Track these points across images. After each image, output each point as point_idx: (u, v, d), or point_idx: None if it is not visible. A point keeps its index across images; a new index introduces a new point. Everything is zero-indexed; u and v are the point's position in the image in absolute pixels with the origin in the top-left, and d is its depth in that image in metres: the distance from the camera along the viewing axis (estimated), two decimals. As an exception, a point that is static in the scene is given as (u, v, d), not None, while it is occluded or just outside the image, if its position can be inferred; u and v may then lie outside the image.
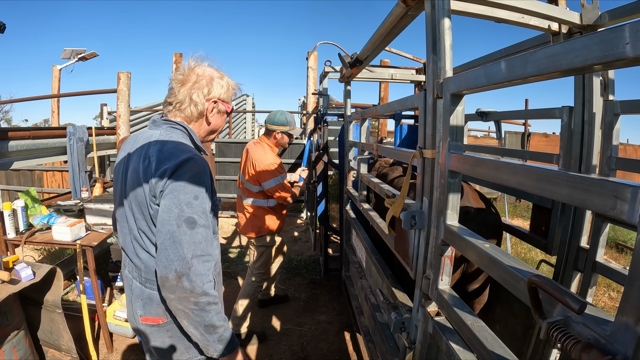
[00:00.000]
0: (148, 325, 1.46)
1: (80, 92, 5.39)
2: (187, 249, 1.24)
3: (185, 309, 1.27)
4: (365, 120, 2.76)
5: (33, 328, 2.74)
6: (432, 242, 1.42)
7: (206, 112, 1.50)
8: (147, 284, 1.44)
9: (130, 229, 1.43)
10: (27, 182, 7.89)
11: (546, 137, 9.33)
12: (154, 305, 1.43)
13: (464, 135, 1.30)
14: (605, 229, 1.89)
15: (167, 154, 1.33)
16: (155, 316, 1.44)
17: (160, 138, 1.40)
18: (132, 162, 1.41)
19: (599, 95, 1.86)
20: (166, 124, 1.46)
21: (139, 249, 1.42)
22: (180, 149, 1.35)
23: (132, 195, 1.38)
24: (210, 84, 1.48)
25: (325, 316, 3.74)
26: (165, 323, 1.44)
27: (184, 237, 1.25)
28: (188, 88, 1.45)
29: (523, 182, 0.92)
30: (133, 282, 1.48)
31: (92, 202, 3.25)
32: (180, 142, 1.40)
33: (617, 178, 0.73)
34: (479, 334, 1.12)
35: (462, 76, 1.17)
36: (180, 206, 1.26)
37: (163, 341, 1.47)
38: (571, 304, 0.71)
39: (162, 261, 1.24)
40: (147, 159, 1.34)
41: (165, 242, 1.24)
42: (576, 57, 0.77)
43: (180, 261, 1.23)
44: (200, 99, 1.47)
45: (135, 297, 1.48)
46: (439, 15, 1.33)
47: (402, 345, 1.82)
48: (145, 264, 1.41)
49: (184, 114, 1.48)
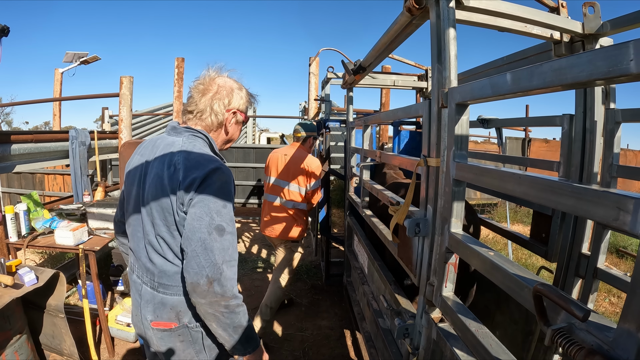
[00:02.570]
0: (159, 330, 1.47)
1: (82, 96, 5.40)
2: (218, 256, 1.29)
3: (216, 313, 1.31)
4: (368, 127, 2.78)
5: (35, 332, 2.74)
6: (436, 250, 1.44)
7: (225, 122, 1.54)
8: (159, 288, 1.45)
9: (146, 233, 1.44)
10: (28, 185, 7.88)
11: (547, 143, 9.35)
12: (166, 310, 1.44)
13: (468, 144, 1.32)
14: (606, 236, 1.90)
15: (194, 163, 1.36)
16: (167, 321, 1.45)
17: (184, 146, 1.42)
18: (154, 167, 1.43)
19: (601, 103, 1.88)
20: (188, 132, 1.48)
21: (153, 254, 1.44)
22: (206, 158, 1.38)
23: (154, 201, 1.40)
24: (231, 95, 1.52)
25: (327, 321, 3.74)
26: (177, 328, 1.46)
27: (215, 244, 1.29)
28: (209, 98, 1.49)
29: (528, 192, 0.94)
30: (143, 287, 1.49)
31: (94, 206, 3.25)
32: (204, 151, 1.44)
33: (620, 189, 0.75)
34: (484, 340, 1.13)
35: (467, 86, 1.19)
36: (211, 214, 1.30)
37: (174, 346, 1.48)
38: (576, 312, 0.73)
39: (193, 268, 1.27)
40: (172, 166, 1.37)
41: (197, 249, 1.27)
42: (582, 72, 0.79)
43: (211, 267, 1.27)
44: (221, 109, 1.51)
45: (145, 302, 1.49)
46: (444, 25, 1.35)
47: (405, 351, 1.83)
48: (160, 269, 1.43)
49: (204, 122, 1.52)
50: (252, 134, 14.82)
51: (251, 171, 7.64)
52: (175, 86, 5.63)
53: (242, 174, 7.75)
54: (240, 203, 7.88)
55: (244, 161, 7.73)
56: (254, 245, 6.23)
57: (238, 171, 7.73)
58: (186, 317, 1.45)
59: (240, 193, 7.85)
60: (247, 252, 5.89)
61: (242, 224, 7.55)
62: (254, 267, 5.15)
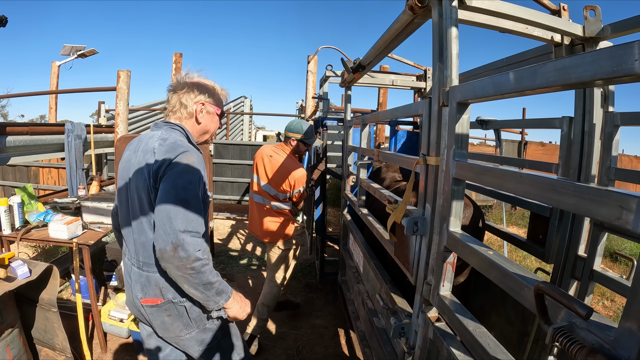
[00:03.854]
0: (148, 307, 1.63)
1: (79, 89, 5.36)
2: (182, 225, 1.42)
3: (184, 274, 1.44)
4: (366, 125, 2.77)
5: (27, 326, 2.71)
6: (434, 249, 1.44)
7: (195, 113, 1.72)
8: (144, 267, 1.61)
9: (133, 216, 1.62)
10: (22, 178, 7.83)
11: (543, 146, 9.41)
12: (151, 287, 1.61)
13: (468, 143, 1.31)
14: (603, 238, 1.91)
15: (167, 148, 1.54)
16: (154, 297, 1.61)
17: (161, 136, 1.61)
18: (137, 157, 1.61)
19: (600, 106, 1.88)
20: (166, 125, 1.68)
21: (137, 234, 1.60)
22: (179, 144, 1.56)
23: (137, 185, 1.58)
24: (197, 89, 1.72)
25: (321, 320, 3.74)
26: (163, 303, 1.61)
27: (179, 214, 1.43)
28: (178, 95, 1.70)
29: (529, 191, 0.94)
30: (132, 268, 1.66)
31: (89, 200, 3.22)
32: (179, 139, 1.62)
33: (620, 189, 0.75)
34: (481, 339, 1.13)
35: (469, 85, 1.18)
36: (177, 189, 1.46)
37: (163, 320, 1.64)
38: (579, 310, 0.73)
39: (160, 235, 1.41)
40: (150, 152, 1.56)
41: (163, 219, 1.42)
42: (585, 71, 0.79)
43: (175, 235, 1.40)
44: (189, 102, 1.70)
45: (134, 281, 1.65)
46: (447, 24, 1.35)
47: (400, 350, 1.83)
48: (144, 248, 1.59)
49: (176, 115, 1.72)
50: (249, 132, 14.79)
51: (247, 168, 7.63)
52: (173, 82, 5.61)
53: (238, 171, 7.75)
54: (236, 200, 7.87)
55: (240, 158, 7.73)
56: (248, 242, 6.20)
57: (234, 168, 7.72)
58: (170, 293, 1.60)
59: (235, 190, 7.83)
60: (241, 249, 5.86)
61: (236, 221, 7.52)
62: (249, 265, 5.13)
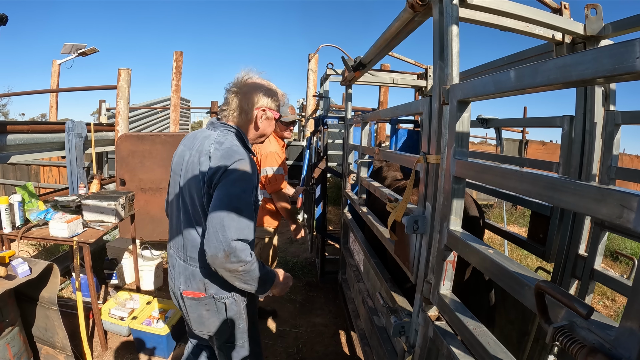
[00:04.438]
0: (189, 299, 1.71)
1: (80, 88, 5.36)
2: (234, 233, 1.47)
3: (236, 276, 1.53)
4: (366, 124, 2.77)
5: (28, 324, 2.71)
6: (434, 247, 1.43)
7: (255, 118, 1.75)
8: (190, 262, 1.69)
9: (184, 212, 1.70)
10: (23, 176, 7.83)
11: (543, 145, 9.39)
12: (195, 281, 1.69)
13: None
14: (604, 237, 1.91)
15: (223, 153, 1.57)
16: (197, 291, 1.70)
17: (217, 139, 1.64)
18: (192, 155, 1.67)
19: (601, 105, 1.87)
20: (223, 127, 1.72)
21: (186, 230, 1.69)
22: (234, 150, 1.59)
23: (189, 184, 1.65)
24: (259, 95, 1.73)
25: (321, 319, 3.74)
26: (204, 297, 1.70)
27: (232, 223, 1.48)
28: (239, 98, 1.72)
29: (530, 189, 0.93)
30: (177, 260, 1.75)
31: (89, 198, 3.22)
32: (235, 144, 1.64)
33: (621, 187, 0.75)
34: (482, 338, 1.13)
35: (469, 83, 1.18)
36: (230, 197, 1.51)
37: (200, 314, 1.73)
38: (579, 309, 0.73)
39: (212, 242, 1.47)
40: (205, 155, 1.60)
41: (217, 226, 1.47)
42: (587, 69, 0.78)
43: (227, 243, 1.45)
44: (250, 108, 1.73)
45: (177, 273, 1.75)
46: (447, 22, 1.34)
47: (400, 349, 1.83)
48: (192, 244, 1.67)
49: (236, 120, 1.75)
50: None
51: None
52: (174, 80, 5.61)
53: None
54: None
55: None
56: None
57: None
58: (213, 288, 1.68)
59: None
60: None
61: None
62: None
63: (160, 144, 4.40)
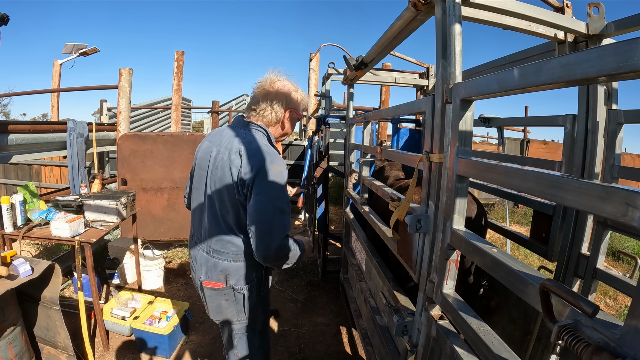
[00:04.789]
0: (209, 289, 1.80)
1: (81, 88, 5.35)
2: (281, 233, 1.60)
3: (283, 263, 1.68)
4: (368, 123, 2.77)
5: (29, 324, 2.70)
6: (437, 246, 1.43)
7: (283, 118, 1.83)
8: (213, 254, 1.76)
9: (209, 207, 1.76)
10: (25, 176, 7.83)
11: (545, 145, 9.36)
12: (216, 272, 1.76)
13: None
14: (606, 237, 1.90)
15: (254, 152, 1.64)
16: (216, 281, 1.77)
17: (247, 137, 1.70)
18: (220, 152, 1.72)
19: (603, 104, 1.87)
20: (251, 125, 1.78)
21: (212, 224, 1.76)
22: (264, 150, 1.65)
23: (218, 180, 1.70)
24: (289, 96, 1.82)
25: (323, 318, 3.73)
26: (224, 288, 1.77)
27: (279, 224, 1.60)
28: (270, 99, 1.78)
29: (534, 188, 0.93)
30: (199, 252, 1.83)
31: (91, 198, 3.22)
32: (264, 143, 1.70)
33: (626, 185, 0.74)
34: (485, 337, 1.12)
35: (472, 82, 1.18)
36: (274, 200, 1.59)
37: (219, 304, 1.81)
38: (585, 308, 0.73)
39: (263, 244, 1.57)
40: (235, 153, 1.66)
41: (265, 230, 1.57)
42: (591, 67, 0.78)
43: (277, 243, 1.58)
44: (280, 108, 1.80)
45: (199, 265, 1.82)
46: (450, 20, 1.34)
47: (403, 348, 1.83)
48: (216, 237, 1.75)
49: (265, 119, 1.81)
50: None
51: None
52: (175, 79, 5.60)
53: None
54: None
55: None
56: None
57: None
58: (233, 279, 1.76)
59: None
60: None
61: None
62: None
63: (161, 144, 4.39)
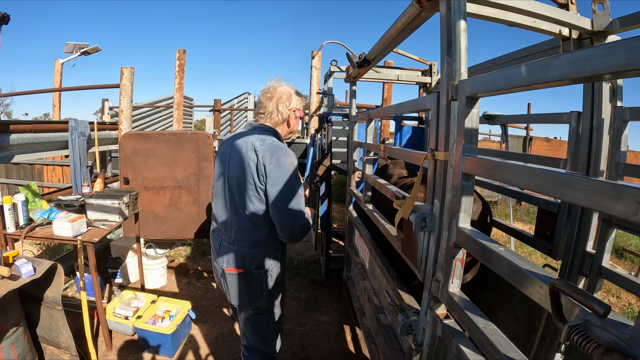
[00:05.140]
0: (230, 274, 1.98)
1: (82, 87, 5.33)
2: (302, 214, 1.88)
3: (304, 237, 1.94)
4: (372, 121, 2.75)
5: (32, 324, 2.70)
6: (442, 245, 1.42)
7: (288, 118, 2.08)
8: (235, 242, 1.97)
9: (230, 200, 1.97)
10: (27, 176, 7.83)
11: (548, 142, 9.35)
12: (237, 259, 1.95)
13: (477, 138, 1.29)
14: (611, 235, 1.89)
15: (268, 147, 1.86)
16: (237, 267, 1.96)
17: (259, 137, 1.91)
18: (236, 151, 1.93)
19: (608, 101, 1.86)
20: (261, 127, 2.02)
21: (233, 216, 1.96)
22: (277, 145, 1.89)
23: (238, 175, 1.90)
24: (291, 98, 2.06)
25: (326, 316, 3.73)
26: (244, 272, 1.97)
27: (297, 206, 1.86)
28: (274, 102, 2.03)
29: (542, 186, 0.92)
30: (221, 242, 2.04)
31: (93, 197, 3.21)
32: (275, 140, 1.93)
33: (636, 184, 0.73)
34: (492, 337, 1.11)
35: (479, 79, 1.16)
36: (292, 187, 1.85)
37: (239, 287, 1.99)
38: (597, 308, 0.72)
39: (288, 227, 1.87)
40: (251, 150, 1.87)
41: (289, 216, 1.85)
42: (600, 64, 0.77)
43: (299, 224, 1.87)
44: (284, 109, 2.05)
45: (221, 254, 2.02)
46: (455, 17, 1.32)
47: (407, 347, 1.82)
48: (237, 227, 1.95)
49: (272, 120, 2.06)
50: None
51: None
52: (176, 78, 5.58)
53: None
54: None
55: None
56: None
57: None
58: (253, 264, 1.95)
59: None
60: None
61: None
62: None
63: (163, 143, 4.39)
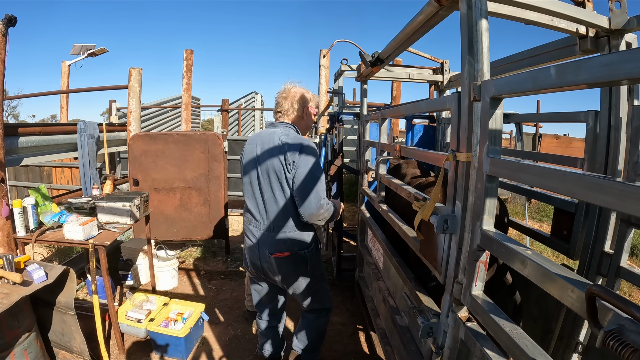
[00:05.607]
0: (278, 258, 2.21)
1: (90, 88, 5.35)
2: (322, 194, 2.12)
3: (325, 218, 2.18)
4: (385, 120, 2.74)
5: (44, 329, 2.69)
6: (465, 247, 1.41)
7: (304, 114, 2.34)
8: (275, 229, 2.20)
9: (263, 191, 2.21)
10: (35, 178, 7.87)
11: (557, 139, 9.29)
12: (281, 244, 2.20)
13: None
14: (630, 234, 1.86)
15: (293, 140, 2.14)
16: (284, 251, 2.20)
17: (283, 132, 2.20)
18: (264, 147, 2.19)
19: (626, 100, 1.84)
20: (283, 124, 2.28)
21: (269, 205, 2.20)
22: (300, 138, 2.17)
23: (268, 168, 2.16)
24: (304, 97, 2.32)
25: (339, 317, 3.70)
26: (290, 256, 2.21)
27: (318, 188, 2.10)
28: (290, 101, 2.30)
29: (573, 190, 0.91)
30: (260, 232, 2.25)
31: (104, 200, 3.19)
32: (296, 134, 2.23)
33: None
34: (519, 341, 1.10)
35: (504, 80, 1.15)
36: (313, 172, 2.10)
37: (288, 268, 2.25)
38: (637, 315, 0.70)
39: (310, 204, 2.08)
40: (277, 142, 2.14)
41: (311, 195, 2.08)
42: (635, 67, 0.75)
43: (318, 203, 2.09)
44: (299, 107, 2.31)
45: (262, 242, 2.23)
46: (477, 16, 1.31)
47: (426, 350, 1.81)
48: (276, 215, 2.18)
49: (290, 117, 2.33)
50: (260, 127, 14.72)
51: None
52: (184, 78, 5.58)
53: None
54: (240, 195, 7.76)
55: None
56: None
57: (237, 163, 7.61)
58: (296, 246, 2.21)
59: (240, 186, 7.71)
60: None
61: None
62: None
63: (173, 143, 4.39)
